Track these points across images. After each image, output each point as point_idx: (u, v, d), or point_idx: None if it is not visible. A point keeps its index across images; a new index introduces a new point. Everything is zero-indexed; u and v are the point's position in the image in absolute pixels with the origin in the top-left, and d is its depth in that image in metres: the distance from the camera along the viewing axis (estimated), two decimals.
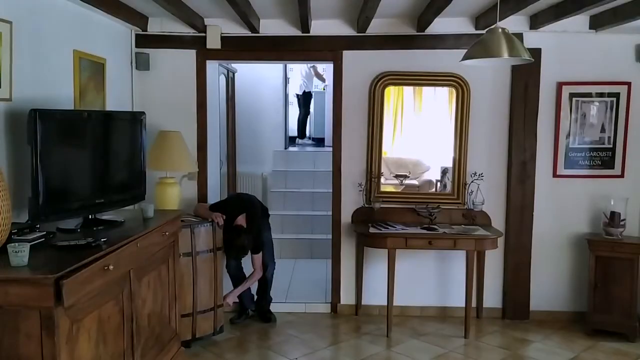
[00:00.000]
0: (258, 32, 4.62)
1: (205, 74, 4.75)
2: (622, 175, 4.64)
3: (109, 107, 4.14)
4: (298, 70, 8.99)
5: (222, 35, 4.64)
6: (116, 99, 4.28)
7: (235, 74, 6.64)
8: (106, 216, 3.32)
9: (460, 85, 4.63)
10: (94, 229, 3.05)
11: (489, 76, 4.64)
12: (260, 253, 4.52)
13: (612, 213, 4.38)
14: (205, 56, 4.73)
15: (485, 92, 4.67)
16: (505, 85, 4.66)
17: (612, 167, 4.65)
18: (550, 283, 4.75)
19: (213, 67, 5.10)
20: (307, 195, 6.99)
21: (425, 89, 4.89)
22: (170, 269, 3.51)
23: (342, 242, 4.84)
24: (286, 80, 8.23)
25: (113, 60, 4.23)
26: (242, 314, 4.68)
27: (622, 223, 4.37)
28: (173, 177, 4.40)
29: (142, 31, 4.62)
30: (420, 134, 5.09)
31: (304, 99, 9.04)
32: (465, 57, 3.36)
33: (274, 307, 4.79)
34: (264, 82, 7.69)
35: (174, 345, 3.59)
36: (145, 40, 4.64)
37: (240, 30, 4.62)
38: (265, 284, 4.70)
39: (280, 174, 7.29)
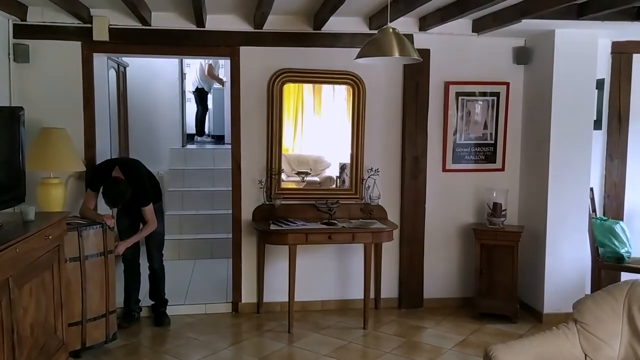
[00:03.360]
0: (150, 25, 4.44)
1: (92, 67, 4.49)
2: (502, 169, 5.00)
3: None
4: (195, 66, 8.76)
5: (111, 26, 4.41)
6: None
7: (127, 69, 6.34)
8: None
9: (356, 84, 4.75)
10: None
11: (383, 75, 4.80)
12: (151, 205, 4.29)
13: (495, 204, 4.71)
14: (92, 49, 4.47)
15: (380, 90, 4.83)
16: (398, 84, 4.84)
17: (494, 162, 4.99)
18: (441, 272, 5.01)
19: (101, 61, 4.84)
20: (207, 194, 6.85)
21: (325, 86, 4.97)
22: (55, 275, 3.29)
23: (243, 240, 4.79)
24: (182, 75, 8.00)
25: None
26: (127, 317, 4.48)
27: (503, 213, 4.71)
28: (58, 177, 4.12)
29: (21, 21, 4.27)
30: (320, 131, 5.17)
31: (199, 96, 8.84)
32: (359, 56, 3.44)
33: (171, 310, 4.64)
34: (159, 78, 7.42)
35: (61, 355, 3.36)
36: (24, 31, 4.30)
37: (131, 23, 4.42)
38: (156, 279, 4.55)
39: (178, 172, 7.08)
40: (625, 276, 4.62)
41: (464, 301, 4.99)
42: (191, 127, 9.00)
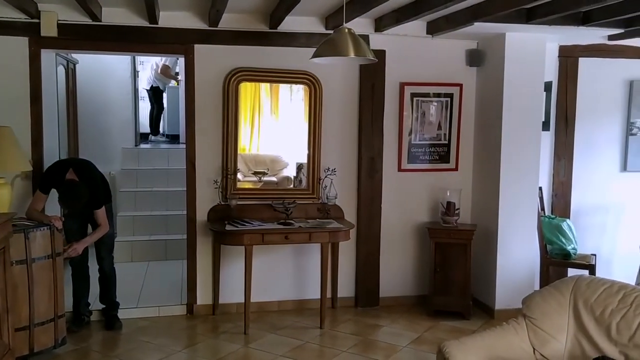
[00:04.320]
0: (100, 21, 4.32)
1: (39, 64, 4.33)
2: (456, 169, 5.10)
3: None
4: (150, 64, 8.58)
5: (59, 22, 4.26)
6: None
7: (77, 65, 6.15)
8: None
9: (312, 84, 4.75)
10: None
11: (339, 75, 4.82)
12: (103, 208, 4.21)
13: (448, 203, 4.80)
14: (40, 45, 4.31)
15: (336, 90, 4.84)
16: (354, 84, 4.87)
17: (448, 162, 5.09)
18: (397, 270, 5.07)
19: (49, 57, 4.68)
20: (161, 195, 6.72)
21: (282, 86, 4.95)
22: (0, 279, 3.14)
23: (198, 241, 4.72)
24: (135, 73, 7.81)
25: None
26: (77, 321, 4.35)
27: (456, 212, 4.80)
28: (3, 177, 3.96)
29: None
30: (278, 131, 5.15)
31: (154, 94, 8.66)
32: (315, 55, 3.45)
33: (123, 314, 4.53)
34: (110, 75, 7.23)
35: None
36: None
37: (80, 18, 4.28)
38: (106, 282, 4.44)
39: (131, 172, 6.91)
40: (571, 272, 4.80)
41: (419, 299, 5.07)
42: (145, 126, 8.81)
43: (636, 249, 4.81)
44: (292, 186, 5.02)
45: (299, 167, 5.00)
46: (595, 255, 5.01)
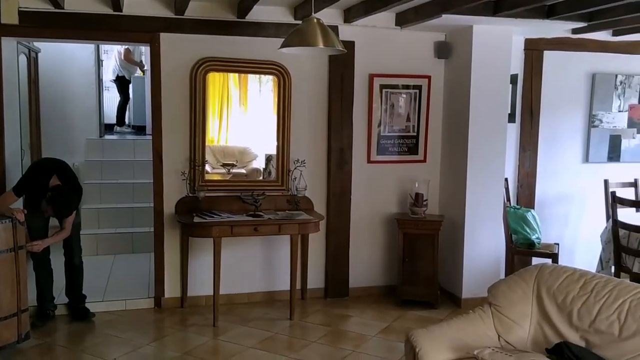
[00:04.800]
0: (63, 8, 4.19)
1: (0, 52, 4.20)
2: (424, 160, 5.15)
3: None
4: (115, 53, 8.39)
5: (20, 9, 4.13)
6: None
7: (39, 54, 5.97)
8: None
9: (281, 74, 4.72)
10: None
11: (308, 66, 4.79)
12: (74, 213, 4.17)
13: (417, 194, 4.85)
14: (0, 32, 4.16)
15: (306, 81, 4.82)
16: (324, 75, 4.86)
17: (417, 153, 5.13)
18: (366, 261, 5.11)
19: (10, 46, 4.54)
20: (127, 187, 6.60)
21: (251, 76, 4.89)
22: None
23: (166, 234, 4.66)
24: (99, 62, 7.63)
25: None
26: (41, 316, 4.26)
27: (425, 203, 4.86)
28: None
29: None
30: (247, 122, 5.09)
31: (120, 84, 8.48)
32: (283, 45, 3.42)
33: (89, 307, 4.44)
34: (74, 64, 7.05)
35: None
36: None
37: (42, 5, 4.15)
38: (75, 275, 4.36)
39: (95, 164, 6.76)
40: (535, 261, 4.91)
41: (388, 289, 5.11)
42: (110, 117, 8.63)
43: (597, 238, 4.95)
44: (261, 178, 5.00)
45: (268, 159, 4.97)
46: (558, 244, 5.14)
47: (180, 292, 4.72)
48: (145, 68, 8.38)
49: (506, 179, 5.06)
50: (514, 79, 5.08)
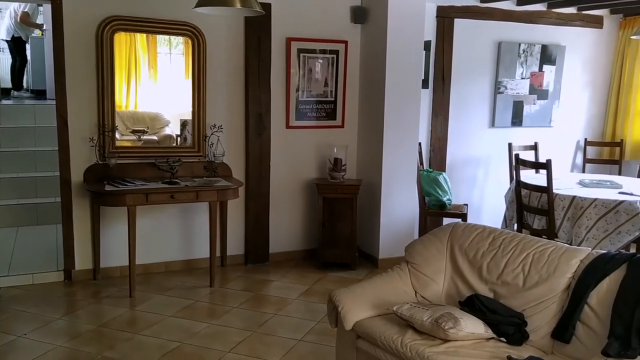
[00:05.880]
0: None
1: None
2: (342, 126, 5.21)
3: None
4: (8, 11, 7.68)
5: None
6: None
7: None
8: None
9: (195, 36, 4.54)
10: None
11: (224, 28, 4.65)
12: None
13: (336, 159, 4.91)
14: None
15: (221, 44, 4.68)
16: (240, 38, 4.73)
17: (335, 119, 5.17)
18: (286, 226, 5.14)
19: None
20: (28, 155, 6.15)
21: (162, 37, 4.66)
22: None
23: (74, 203, 4.42)
24: None
25: None
26: None
27: (343, 168, 4.93)
28: None
29: None
30: (158, 86, 4.87)
31: (16, 45, 7.80)
32: (198, 5, 3.29)
33: None
34: None
35: None
36: None
37: None
38: None
39: None
40: (446, 221, 5.15)
41: (308, 253, 5.19)
42: (5, 80, 7.95)
43: (501, 198, 5.28)
44: (174, 144, 4.83)
45: (184, 124, 4.81)
46: (467, 204, 5.43)
47: (92, 264, 4.52)
48: (45, 28, 7.75)
49: (420, 144, 5.23)
50: (427, 46, 5.22)
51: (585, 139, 6.34)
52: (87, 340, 3.53)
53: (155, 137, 4.84)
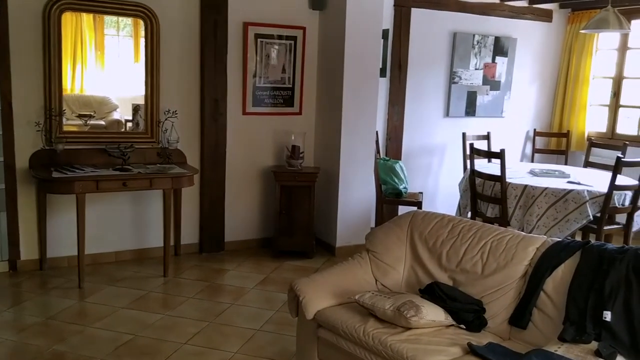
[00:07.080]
0: None
1: None
2: (300, 113, 5.16)
3: None
4: None
5: None
6: None
7: None
8: None
9: (149, 17, 4.37)
10: None
11: (178, 10, 4.50)
12: None
13: (293, 147, 4.86)
14: None
15: (176, 26, 4.53)
16: (195, 21, 4.60)
17: (292, 105, 5.12)
18: (242, 214, 5.06)
19: None
20: None
21: (110, 19, 4.48)
22: None
23: (19, 191, 4.20)
24: None
25: None
26: None
27: (301, 155, 4.89)
28: None
29: None
30: (106, 69, 4.67)
31: None
32: None
33: None
34: None
35: None
36: None
37: None
38: None
39: None
40: (402, 209, 5.22)
41: (265, 241, 5.14)
42: None
43: (455, 186, 5.38)
44: (123, 130, 4.65)
45: (136, 109, 4.64)
46: (422, 192, 5.50)
47: (39, 254, 4.32)
48: None
49: (377, 132, 5.25)
50: (385, 34, 5.22)
51: (535, 130, 6.53)
52: (36, 333, 3.37)
53: (102, 122, 4.65)
